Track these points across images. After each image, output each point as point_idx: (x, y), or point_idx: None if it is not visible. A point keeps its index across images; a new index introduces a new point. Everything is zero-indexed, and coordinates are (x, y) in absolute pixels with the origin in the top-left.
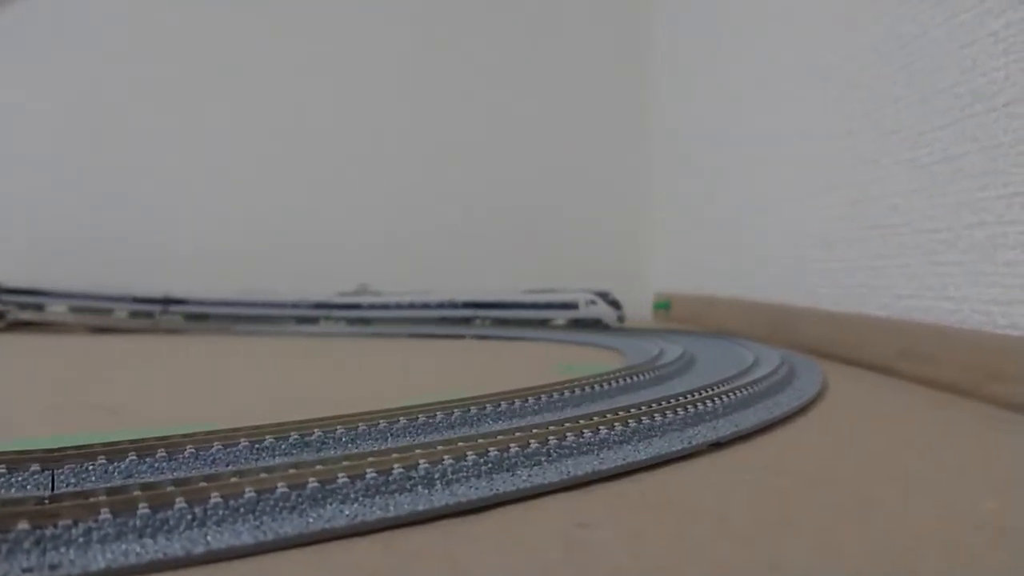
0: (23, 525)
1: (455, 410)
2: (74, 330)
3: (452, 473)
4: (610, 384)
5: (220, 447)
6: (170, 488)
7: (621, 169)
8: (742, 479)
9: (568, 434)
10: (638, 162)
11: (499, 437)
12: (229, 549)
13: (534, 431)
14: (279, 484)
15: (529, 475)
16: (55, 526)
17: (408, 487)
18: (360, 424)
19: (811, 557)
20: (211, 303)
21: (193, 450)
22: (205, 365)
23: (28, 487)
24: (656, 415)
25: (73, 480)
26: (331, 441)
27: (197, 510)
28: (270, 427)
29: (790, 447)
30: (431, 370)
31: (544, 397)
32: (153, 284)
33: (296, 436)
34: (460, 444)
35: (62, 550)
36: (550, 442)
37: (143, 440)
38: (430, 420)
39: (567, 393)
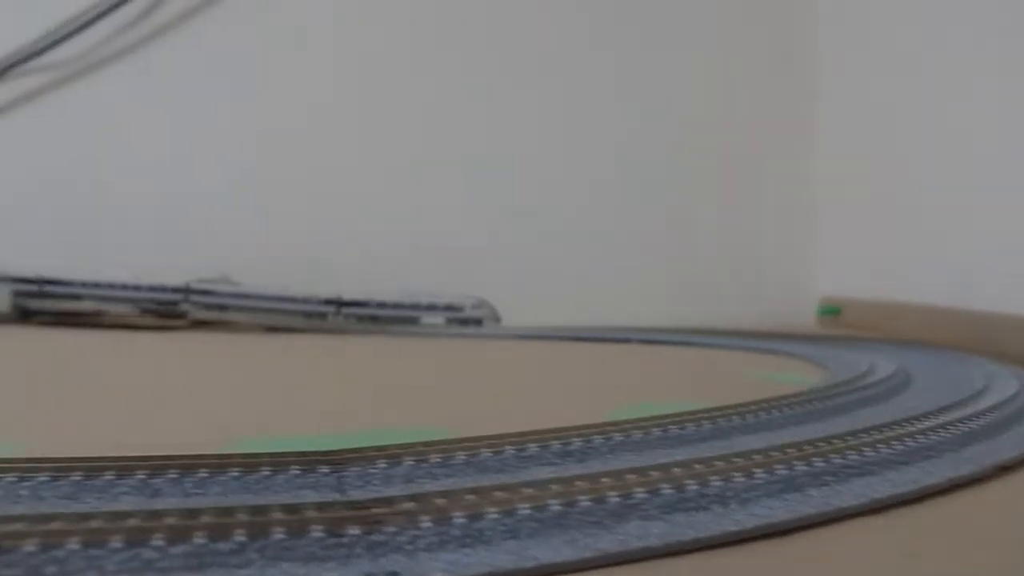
0: (354, 530)
1: (703, 421)
2: (250, 330)
3: (745, 491)
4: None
5: (489, 454)
6: (470, 497)
7: (779, 166)
8: None
9: (865, 448)
10: (800, 158)
11: (788, 451)
12: (553, 565)
13: (832, 443)
14: (581, 498)
15: (825, 494)
16: (381, 532)
17: (704, 505)
18: (615, 434)
19: None
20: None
21: (464, 457)
22: (376, 365)
23: (319, 488)
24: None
25: (359, 483)
26: (591, 451)
27: (509, 521)
28: (533, 435)
29: None
30: (619, 376)
31: (785, 408)
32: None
33: (558, 445)
34: (753, 458)
35: (393, 556)
36: (849, 457)
37: (411, 445)
38: (681, 431)
39: (807, 405)
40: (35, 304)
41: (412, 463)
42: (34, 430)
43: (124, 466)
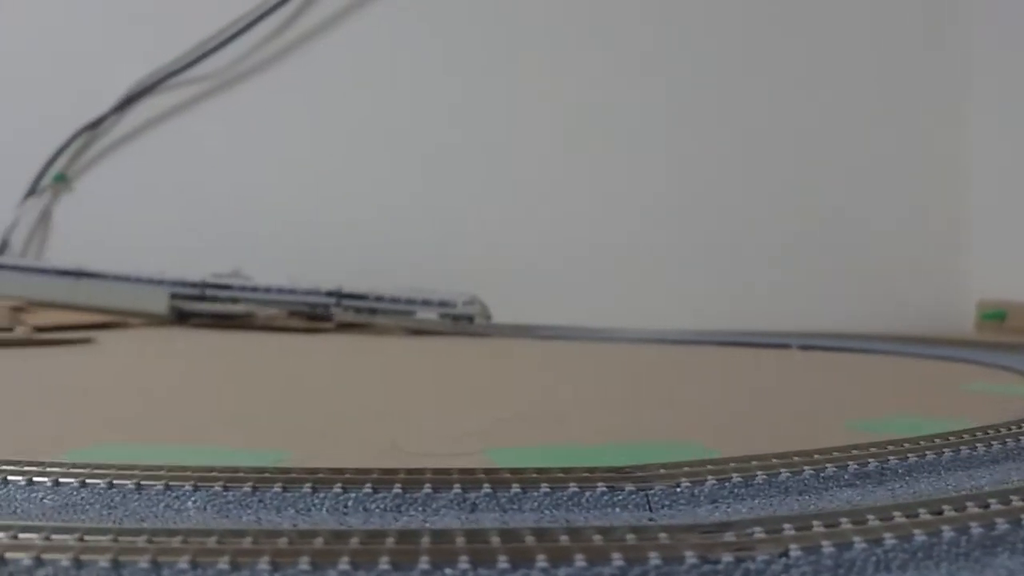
0: (727, 557)
1: (992, 442)
2: (391, 332)
3: None
4: None
5: (788, 475)
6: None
7: (930, 161)
8: None
9: None
10: (952, 153)
11: None
12: None
13: None
14: (944, 527)
15: None
16: (753, 560)
17: None
18: (910, 455)
19: None
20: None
21: (764, 477)
22: (553, 369)
23: (629, 508)
24: None
25: (666, 502)
26: (888, 472)
27: (878, 551)
28: (819, 453)
29: None
30: (817, 386)
31: None
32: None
33: (855, 466)
34: None
35: None
36: None
37: (705, 463)
38: (972, 452)
39: None
40: (191, 306)
41: (715, 482)
42: (288, 437)
43: (441, 480)
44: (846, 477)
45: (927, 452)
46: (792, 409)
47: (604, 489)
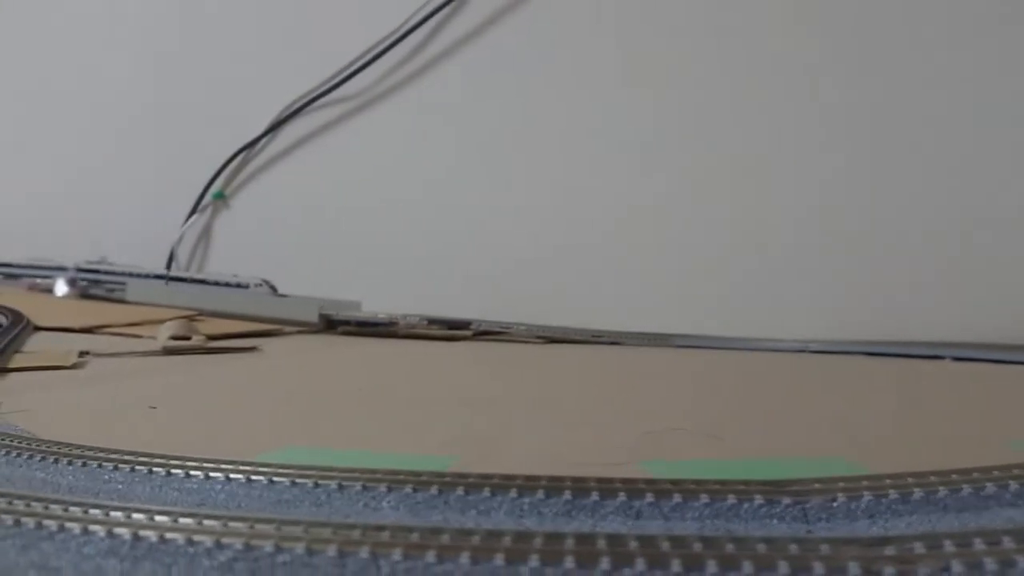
0: (889, 570)
1: None
2: (529, 340)
3: None
4: None
5: (946, 492)
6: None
7: None
8: None
9: None
10: None
11: None
12: None
13: None
14: None
15: None
16: (915, 574)
17: None
18: None
19: None
20: None
21: (921, 493)
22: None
23: (787, 520)
24: None
25: (823, 516)
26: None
27: None
28: (978, 471)
29: None
30: (975, 402)
31: None
32: None
33: (1016, 486)
34: None
35: None
36: None
37: (859, 479)
38: None
39: None
40: (338, 315)
41: (871, 498)
42: (451, 443)
43: (606, 488)
44: (1007, 497)
45: None
46: (947, 426)
47: (762, 501)
